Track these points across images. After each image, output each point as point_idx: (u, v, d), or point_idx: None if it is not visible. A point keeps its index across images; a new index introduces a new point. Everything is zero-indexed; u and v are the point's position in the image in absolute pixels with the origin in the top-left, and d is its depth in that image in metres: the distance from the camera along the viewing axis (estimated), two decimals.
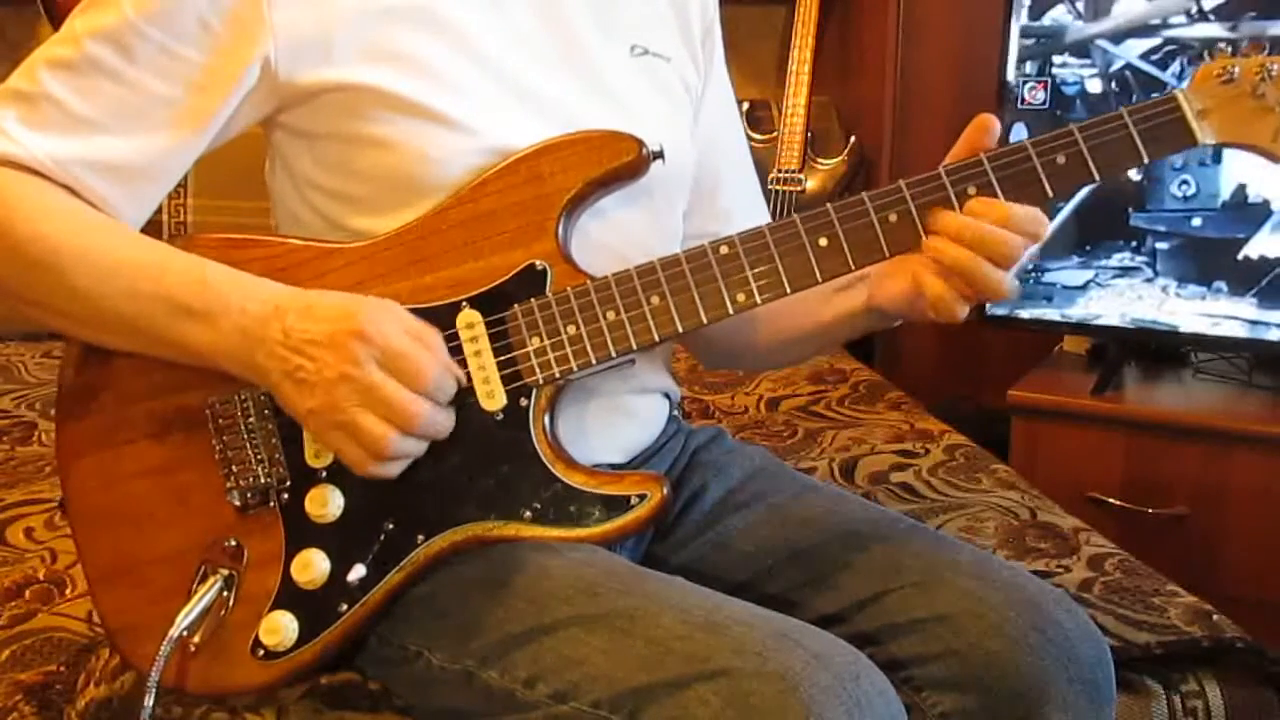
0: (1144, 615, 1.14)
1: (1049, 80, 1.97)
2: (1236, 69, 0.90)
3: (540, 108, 0.97)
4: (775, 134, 2.52)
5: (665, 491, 0.92)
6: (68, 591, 1.19)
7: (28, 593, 1.20)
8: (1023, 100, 1.98)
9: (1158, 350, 2.11)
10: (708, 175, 1.15)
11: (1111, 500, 1.94)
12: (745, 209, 1.20)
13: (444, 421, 0.88)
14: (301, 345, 0.85)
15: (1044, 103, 1.97)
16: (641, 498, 0.92)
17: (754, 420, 1.83)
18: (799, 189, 2.49)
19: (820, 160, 2.51)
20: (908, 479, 1.53)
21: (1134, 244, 1.92)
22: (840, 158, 2.51)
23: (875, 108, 2.51)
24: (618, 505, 0.92)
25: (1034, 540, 1.32)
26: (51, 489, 1.44)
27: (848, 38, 2.63)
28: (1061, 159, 0.90)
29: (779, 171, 2.49)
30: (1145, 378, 2.08)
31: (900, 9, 2.43)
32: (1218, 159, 1.85)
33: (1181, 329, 1.92)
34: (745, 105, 2.56)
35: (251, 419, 0.91)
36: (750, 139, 2.45)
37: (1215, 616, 1.14)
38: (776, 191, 2.48)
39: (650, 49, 1.06)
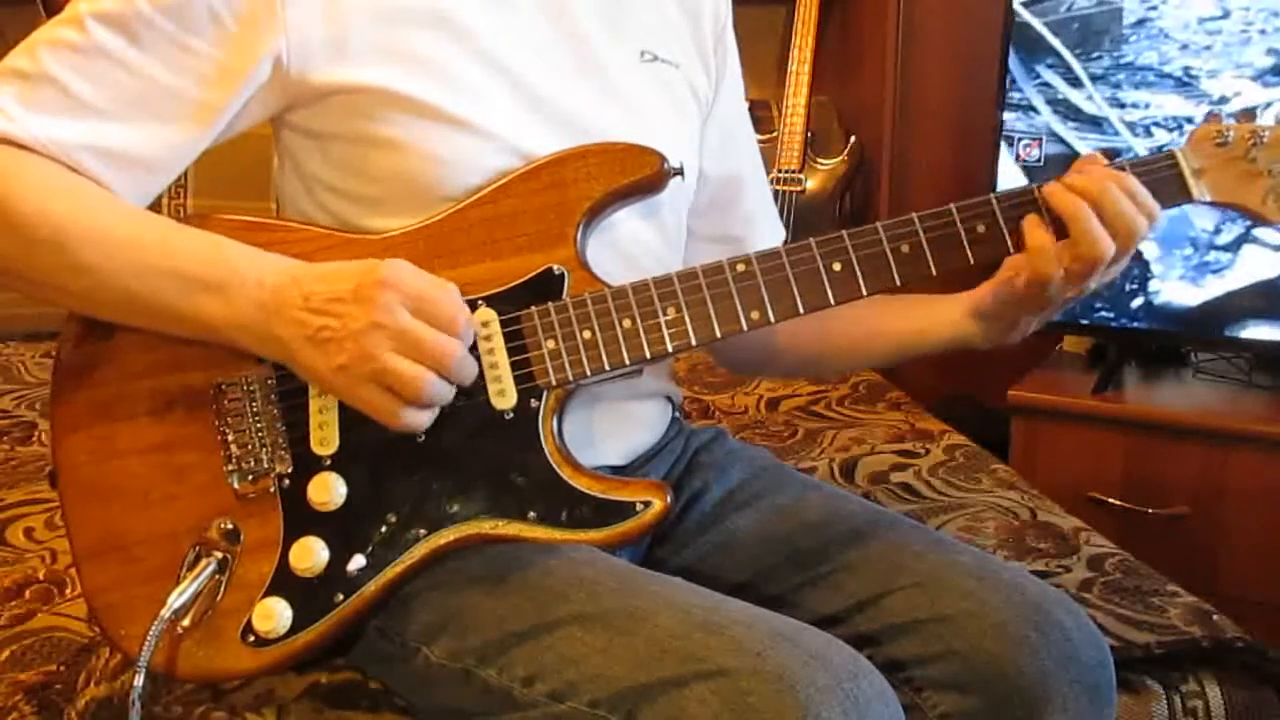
0: (1144, 615, 1.14)
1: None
2: (1231, 133, 0.94)
3: (551, 112, 0.97)
4: (775, 134, 2.52)
5: (668, 500, 0.93)
6: (68, 591, 1.19)
7: (28, 593, 1.20)
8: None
9: (1158, 350, 2.11)
10: (730, 181, 1.16)
11: (1111, 500, 1.94)
12: (764, 213, 1.21)
13: (471, 368, 0.88)
14: (324, 306, 0.84)
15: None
16: (646, 505, 0.92)
17: (754, 420, 1.83)
18: (799, 189, 2.49)
19: (820, 160, 2.51)
20: (908, 479, 1.53)
21: None
22: (840, 158, 2.51)
23: (875, 108, 2.51)
24: (621, 512, 0.92)
25: (1034, 540, 1.32)
26: (52, 490, 1.44)
27: (848, 38, 2.63)
28: None
29: (779, 171, 2.49)
30: (1145, 378, 2.08)
31: (900, 9, 2.43)
32: None
33: (1181, 329, 1.92)
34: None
35: (257, 402, 0.91)
36: None
37: (1215, 616, 1.14)
38: (776, 191, 2.48)
39: (659, 55, 1.06)
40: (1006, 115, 1.97)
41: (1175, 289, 1.89)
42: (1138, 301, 1.92)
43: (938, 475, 1.54)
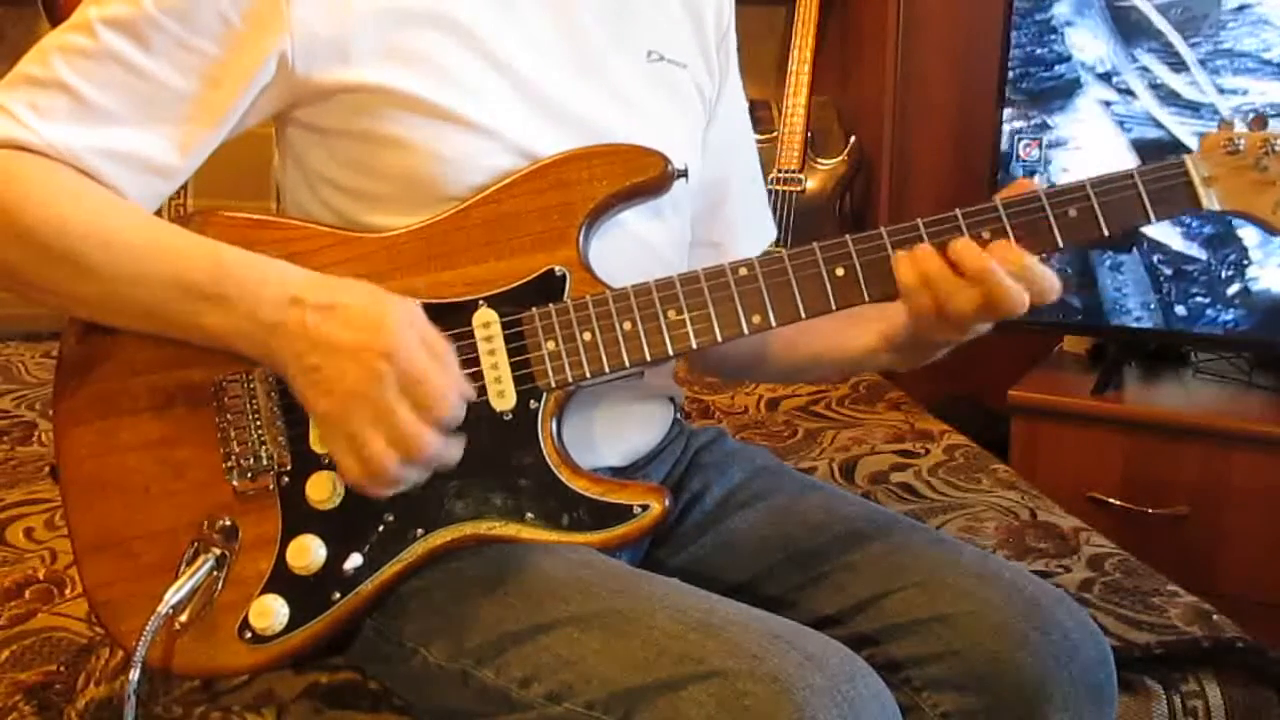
0: (1144, 615, 1.14)
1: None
2: (1242, 141, 0.93)
3: (555, 112, 0.97)
4: (775, 134, 2.52)
5: (667, 503, 0.93)
6: (68, 591, 1.19)
7: (28, 593, 1.20)
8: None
9: (1158, 350, 2.11)
10: (718, 184, 1.16)
11: (1111, 500, 1.94)
12: (750, 219, 1.21)
13: (450, 454, 0.86)
14: (321, 346, 0.83)
15: None
16: (644, 508, 0.92)
17: (754, 420, 1.83)
18: (799, 189, 2.49)
19: (820, 160, 2.51)
20: (908, 479, 1.53)
21: None
22: (840, 158, 2.51)
23: (875, 108, 2.51)
24: (620, 514, 0.92)
25: (1034, 540, 1.32)
26: (52, 489, 1.44)
27: (848, 38, 2.63)
28: (1073, 212, 0.92)
29: (779, 171, 2.49)
30: (1145, 378, 2.08)
31: (900, 9, 2.43)
32: None
33: (1181, 329, 1.92)
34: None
35: (257, 399, 0.91)
36: None
37: (1215, 616, 1.14)
38: (776, 191, 2.48)
39: (665, 55, 1.06)
40: (1108, 96, 1.94)
41: (1274, 276, 1.86)
42: (1234, 289, 1.89)
43: (938, 475, 1.54)
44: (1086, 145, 1.97)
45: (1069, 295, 1.99)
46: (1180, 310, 1.94)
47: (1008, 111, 2.01)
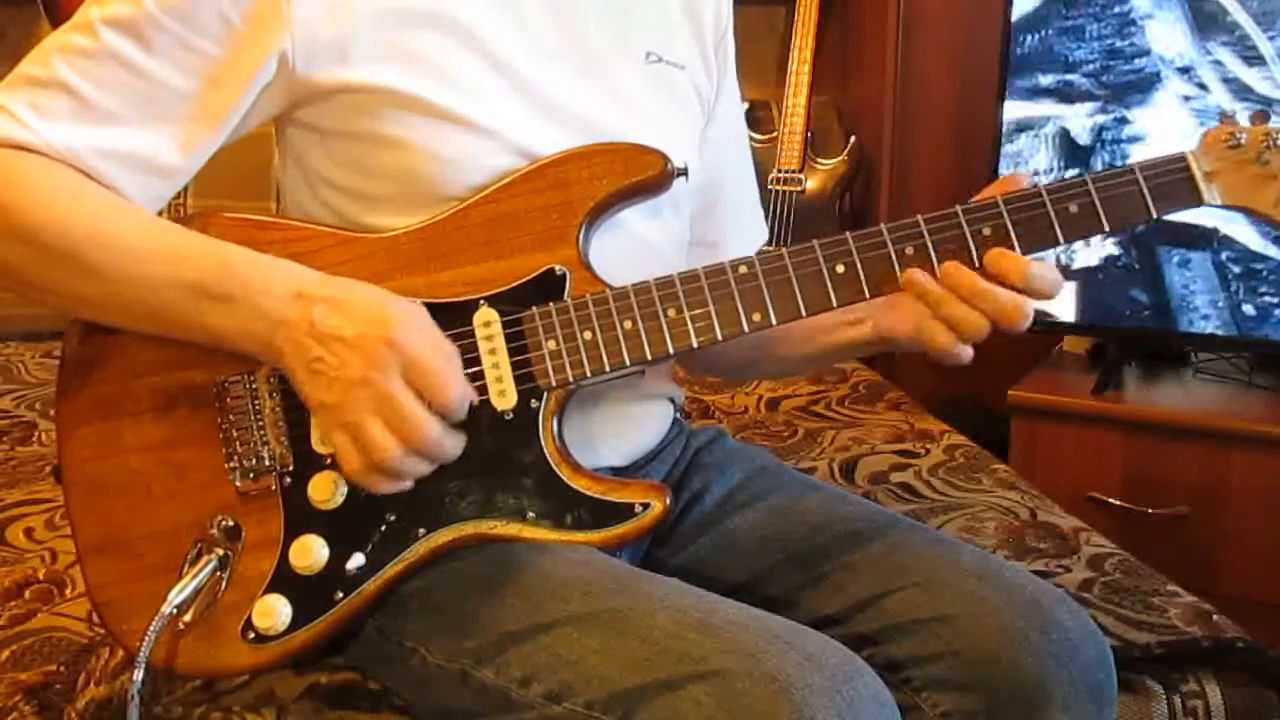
0: (1144, 615, 1.14)
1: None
2: (1243, 136, 0.92)
3: (555, 112, 0.97)
4: (775, 134, 2.52)
5: (667, 502, 0.93)
6: (68, 591, 1.19)
7: (28, 593, 1.20)
8: None
9: (1158, 350, 2.12)
10: (714, 184, 1.16)
11: (1111, 500, 1.94)
12: (744, 219, 1.21)
13: (451, 447, 0.87)
14: (326, 338, 0.84)
15: None
16: (645, 506, 0.92)
17: (754, 420, 1.83)
18: (799, 189, 2.49)
19: (820, 160, 2.51)
20: (908, 479, 1.53)
21: None
22: (840, 158, 2.51)
23: (875, 108, 2.51)
24: (620, 513, 0.92)
25: (1034, 540, 1.32)
26: (52, 489, 1.44)
27: (848, 38, 2.63)
28: (1074, 208, 0.92)
29: (779, 171, 2.49)
30: (1145, 378, 2.08)
31: (900, 9, 2.43)
32: None
33: (1182, 329, 1.92)
34: (745, 105, 2.56)
35: (260, 399, 0.91)
36: (750, 139, 2.45)
37: (1215, 616, 1.14)
38: (776, 192, 2.48)
39: (665, 56, 1.06)
40: (1186, 91, 1.92)
41: None
42: None
43: (938, 475, 1.54)
44: (1164, 141, 1.92)
45: (1136, 292, 1.97)
46: (1248, 310, 1.91)
47: (1089, 105, 1.98)
